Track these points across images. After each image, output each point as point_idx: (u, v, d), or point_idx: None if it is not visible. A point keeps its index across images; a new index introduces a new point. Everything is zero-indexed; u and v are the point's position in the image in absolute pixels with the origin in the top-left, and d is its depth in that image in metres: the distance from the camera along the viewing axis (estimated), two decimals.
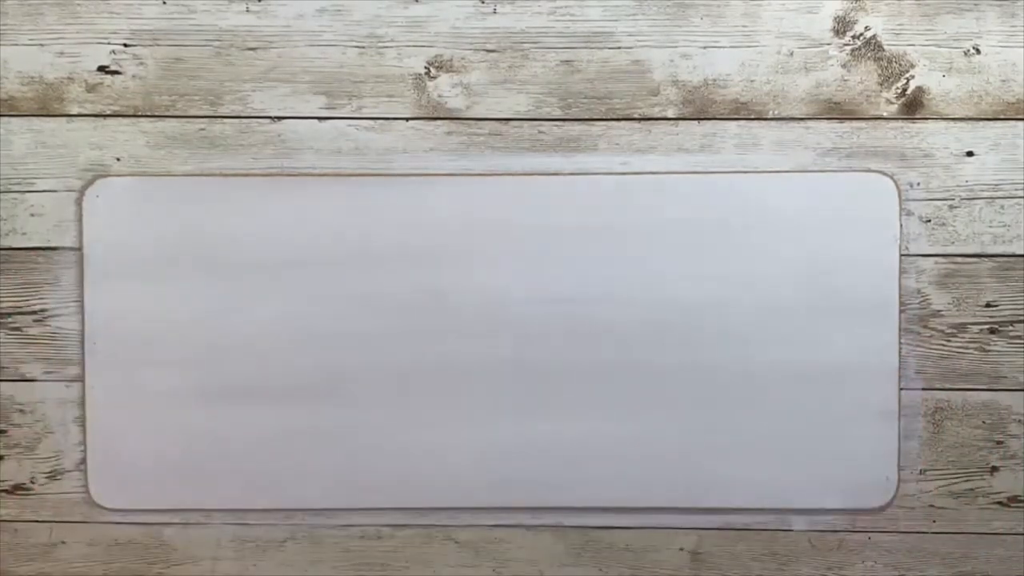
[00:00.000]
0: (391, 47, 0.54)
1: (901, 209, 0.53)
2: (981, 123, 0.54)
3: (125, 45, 0.54)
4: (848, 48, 0.54)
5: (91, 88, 0.54)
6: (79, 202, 0.54)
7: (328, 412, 0.53)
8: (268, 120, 0.54)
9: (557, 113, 0.54)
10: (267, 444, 0.53)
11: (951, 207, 0.54)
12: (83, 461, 0.54)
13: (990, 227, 0.54)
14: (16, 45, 0.54)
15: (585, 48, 0.54)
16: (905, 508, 0.54)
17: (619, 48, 0.54)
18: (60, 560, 0.55)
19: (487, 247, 0.53)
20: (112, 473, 0.54)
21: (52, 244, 0.54)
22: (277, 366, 0.53)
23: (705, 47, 0.54)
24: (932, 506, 0.54)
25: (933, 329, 0.54)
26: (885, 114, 0.54)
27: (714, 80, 0.54)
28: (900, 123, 0.54)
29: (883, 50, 0.54)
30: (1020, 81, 0.53)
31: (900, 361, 0.53)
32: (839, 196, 0.53)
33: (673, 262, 0.53)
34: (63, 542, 0.55)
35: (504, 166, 0.54)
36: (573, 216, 0.53)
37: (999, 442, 0.54)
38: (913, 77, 0.54)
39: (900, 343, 0.53)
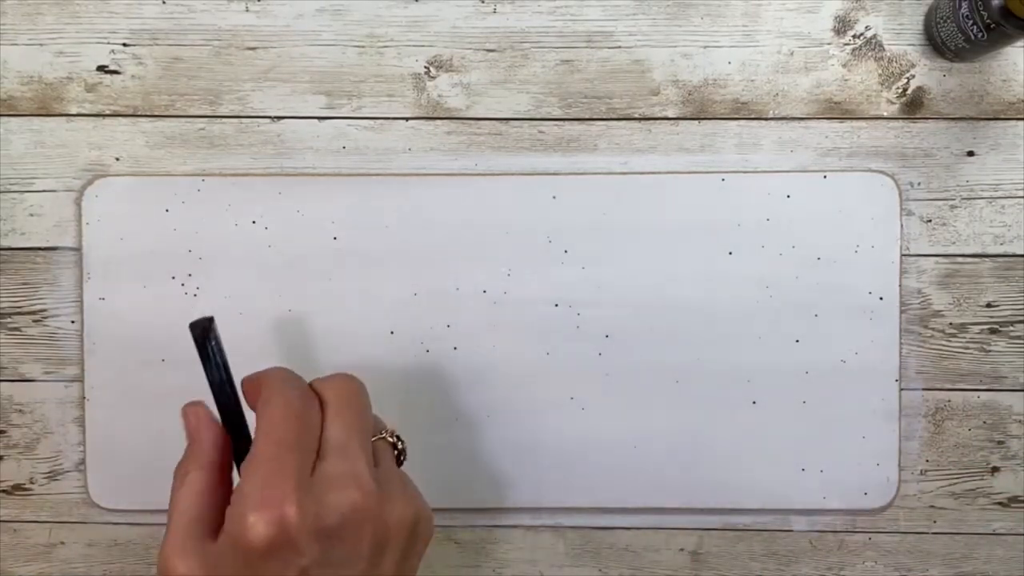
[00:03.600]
0: (391, 47, 0.54)
1: (901, 209, 0.53)
2: (981, 123, 0.54)
3: (125, 45, 0.54)
4: (848, 48, 0.53)
5: (90, 88, 0.54)
6: (78, 202, 0.54)
7: None
8: (268, 120, 0.54)
9: (557, 113, 0.54)
10: None
11: (952, 207, 0.54)
12: (82, 461, 0.54)
13: (991, 227, 0.54)
14: (15, 45, 0.54)
15: (585, 48, 0.54)
16: (905, 508, 0.54)
17: (619, 48, 0.54)
18: (60, 560, 0.55)
19: (487, 247, 0.53)
20: (112, 473, 0.54)
21: (51, 244, 0.54)
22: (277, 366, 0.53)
23: (705, 47, 0.54)
24: (932, 506, 0.54)
25: (934, 329, 0.54)
26: (885, 114, 0.54)
27: (714, 80, 0.54)
28: (900, 123, 0.54)
29: (883, 50, 0.53)
30: (1020, 81, 0.53)
31: (900, 361, 0.53)
32: (839, 196, 0.53)
33: (673, 262, 0.53)
34: (63, 542, 0.55)
35: (504, 166, 0.54)
36: (573, 216, 0.53)
37: (1000, 442, 0.54)
38: (913, 77, 0.54)
39: (900, 343, 0.53)
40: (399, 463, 0.43)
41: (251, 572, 0.33)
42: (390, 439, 0.42)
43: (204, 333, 0.41)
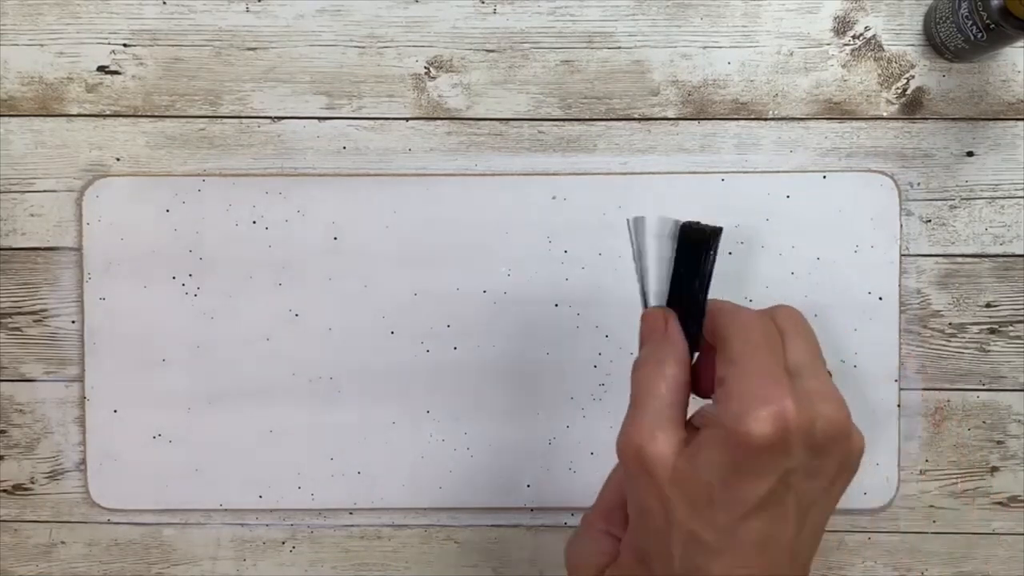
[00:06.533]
0: (391, 47, 0.54)
1: (901, 209, 0.53)
2: (981, 123, 0.54)
3: (125, 45, 0.54)
4: (848, 48, 0.54)
5: (91, 88, 0.54)
6: (79, 202, 0.54)
7: (328, 412, 0.53)
8: (268, 120, 0.54)
9: (557, 113, 0.54)
10: (267, 444, 0.53)
11: (951, 207, 0.54)
12: (83, 461, 0.54)
13: (990, 227, 0.54)
14: (16, 45, 0.54)
15: (585, 48, 0.54)
16: (905, 508, 0.54)
17: (619, 48, 0.54)
18: (60, 560, 0.55)
19: (487, 247, 0.53)
20: (112, 473, 0.54)
21: (52, 244, 0.54)
22: (277, 366, 0.53)
23: (705, 47, 0.54)
24: (932, 506, 0.54)
25: (933, 329, 0.54)
26: (885, 114, 0.54)
27: (714, 80, 0.54)
28: (900, 123, 0.54)
29: (883, 50, 0.54)
30: (1019, 81, 0.53)
31: (900, 361, 0.53)
32: (839, 196, 0.53)
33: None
34: (63, 542, 0.55)
35: (504, 166, 0.54)
36: (573, 216, 0.53)
37: (999, 442, 0.54)
38: (913, 77, 0.54)
39: (900, 343, 0.53)
40: None
41: (739, 470, 0.32)
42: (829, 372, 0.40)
43: (712, 237, 0.38)
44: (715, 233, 0.39)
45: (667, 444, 0.33)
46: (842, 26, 0.54)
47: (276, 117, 0.54)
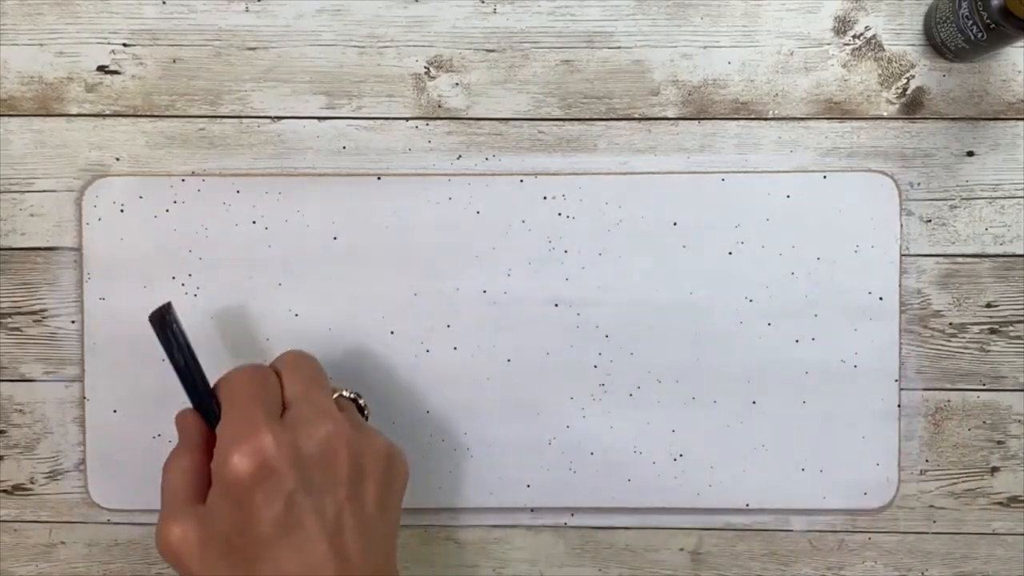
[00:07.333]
0: (391, 47, 0.54)
1: (901, 209, 0.53)
2: (981, 123, 0.54)
3: (125, 45, 0.54)
4: (848, 48, 0.54)
5: (90, 88, 0.54)
6: (78, 202, 0.54)
7: None
8: (268, 120, 0.54)
9: (557, 113, 0.54)
10: None
11: (951, 207, 0.54)
12: (82, 461, 0.54)
13: (990, 227, 0.54)
14: (16, 45, 0.54)
15: (585, 48, 0.54)
16: (905, 508, 0.54)
17: (619, 48, 0.54)
18: (60, 560, 0.55)
19: (487, 247, 0.53)
20: (112, 473, 0.54)
21: (51, 244, 0.54)
22: None
23: (705, 47, 0.54)
24: (932, 506, 0.54)
25: (933, 329, 0.54)
26: (885, 114, 0.54)
27: (714, 80, 0.54)
28: (900, 123, 0.54)
29: (883, 50, 0.54)
30: (1020, 81, 0.53)
31: (900, 361, 0.53)
32: (839, 196, 0.53)
33: (673, 262, 0.53)
34: (63, 542, 0.55)
35: (504, 166, 0.54)
36: (573, 216, 0.53)
37: (999, 442, 0.54)
38: (913, 77, 0.54)
39: (900, 343, 0.53)
40: (364, 418, 0.45)
41: (244, 510, 0.35)
42: (349, 395, 0.44)
43: (163, 319, 0.42)
44: (166, 309, 0.42)
45: (183, 528, 0.36)
46: (842, 26, 0.53)
47: (276, 117, 0.54)
